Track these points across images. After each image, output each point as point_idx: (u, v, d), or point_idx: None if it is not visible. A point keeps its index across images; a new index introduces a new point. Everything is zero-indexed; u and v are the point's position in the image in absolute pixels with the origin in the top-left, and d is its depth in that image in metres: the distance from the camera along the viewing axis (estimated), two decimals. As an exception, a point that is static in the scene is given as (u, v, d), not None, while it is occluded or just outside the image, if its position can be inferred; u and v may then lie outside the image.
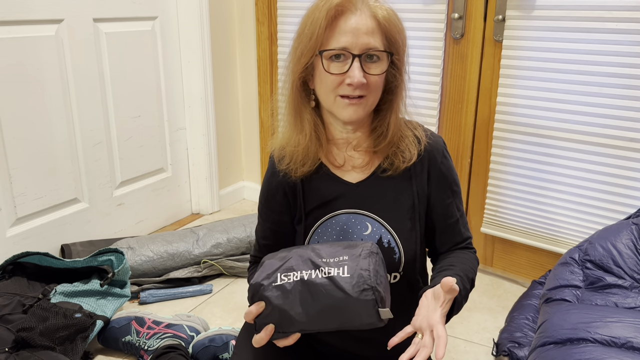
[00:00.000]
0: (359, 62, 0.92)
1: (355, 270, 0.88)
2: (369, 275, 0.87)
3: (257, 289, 0.91)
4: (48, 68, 1.85)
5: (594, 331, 1.22)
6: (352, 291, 0.86)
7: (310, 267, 0.90)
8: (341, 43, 0.92)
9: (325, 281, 0.88)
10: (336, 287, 0.87)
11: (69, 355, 1.43)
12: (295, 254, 0.94)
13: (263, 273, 0.92)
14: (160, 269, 1.92)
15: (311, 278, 0.88)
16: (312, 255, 0.92)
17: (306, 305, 0.88)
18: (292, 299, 0.89)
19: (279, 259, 0.94)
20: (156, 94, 2.26)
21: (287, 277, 0.90)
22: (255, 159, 2.66)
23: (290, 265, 0.92)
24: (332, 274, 0.88)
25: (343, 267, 0.88)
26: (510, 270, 2.00)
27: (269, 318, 0.90)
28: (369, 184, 1.04)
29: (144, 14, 2.15)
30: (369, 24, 0.93)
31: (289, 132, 1.04)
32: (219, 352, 1.48)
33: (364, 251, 0.91)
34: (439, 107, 1.98)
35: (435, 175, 1.05)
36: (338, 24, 0.92)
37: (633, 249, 1.45)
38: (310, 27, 0.94)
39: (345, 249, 0.92)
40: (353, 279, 0.87)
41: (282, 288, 0.89)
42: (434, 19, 1.89)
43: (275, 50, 2.38)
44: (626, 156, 1.66)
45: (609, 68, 1.61)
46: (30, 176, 1.86)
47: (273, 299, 0.89)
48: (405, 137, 1.03)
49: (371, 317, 0.87)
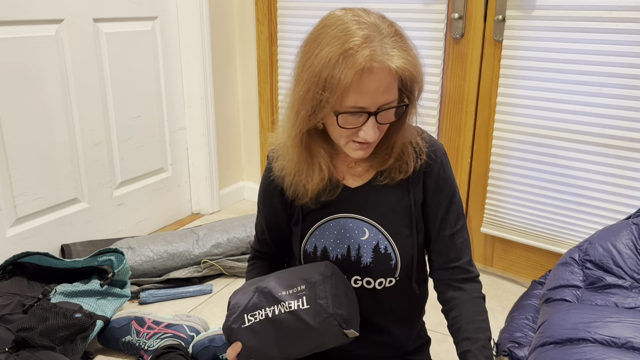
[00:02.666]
0: (375, 119, 0.89)
1: (313, 300, 0.91)
2: (327, 303, 0.90)
3: (229, 333, 0.98)
4: (48, 68, 1.85)
5: (594, 331, 1.22)
6: (314, 322, 0.90)
7: (272, 302, 0.94)
8: (360, 103, 0.87)
9: (288, 316, 0.92)
10: (299, 320, 0.91)
11: (69, 355, 1.43)
12: (256, 290, 0.98)
13: (232, 316, 0.98)
14: (160, 269, 1.92)
15: (275, 315, 0.93)
16: (272, 289, 0.96)
17: (277, 341, 0.93)
18: (262, 338, 0.94)
19: (244, 295, 0.99)
20: (156, 94, 2.26)
21: (254, 317, 0.95)
22: (255, 159, 2.66)
23: (254, 304, 0.96)
24: (293, 308, 0.92)
25: (302, 298, 0.92)
26: (510, 270, 2.00)
27: (247, 357, 0.96)
28: (367, 190, 1.04)
29: (144, 14, 2.15)
30: (387, 81, 0.86)
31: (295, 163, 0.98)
32: (219, 352, 1.48)
33: (319, 277, 0.94)
34: (439, 107, 1.98)
35: (430, 186, 1.03)
36: (361, 84, 0.85)
37: (633, 249, 1.45)
38: (327, 85, 0.84)
39: (302, 279, 0.95)
40: (312, 310, 0.91)
41: (251, 329, 0.95)
42: (434, 19, 1.89)
43: (275, 50, 2.38)
44: (626, 156, 1.66)
45: (609, 68, 1.61)
46: (30, 176, 1.86)
47: (246, 342, 0.95)
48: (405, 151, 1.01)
49: (338, 340, 0.92)
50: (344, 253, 1.03)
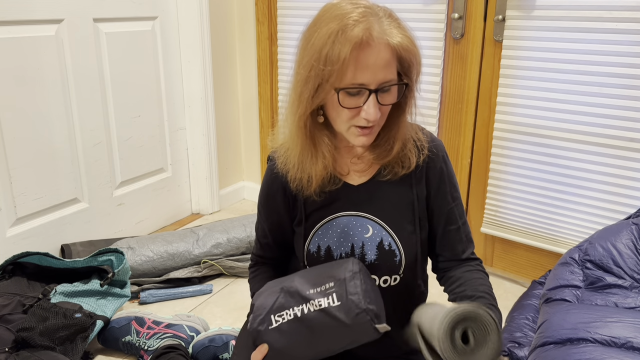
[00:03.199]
0: (375, 97, 0.90)
1: (344, 296, 0.89)
2: (359, 299, 0.88)
3: (257, 335, 0.94)
4: (48, 68, 1.85)
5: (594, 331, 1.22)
6: (347, 319, 0.87)
7: (300, 302, 0.91)
8: (359, 80, 0.88)
9: (319, 314, 0.89)
10: (330, 317, 0.88)
11: (69, 355, 1.43)
12: (282, 290, 0.95)
13: (257, 318, 0.95)
14: (160, 269, 1.92)
15: (304, 314, 0.90)
16: (298, 288, 0.93)
17: (307, 340, 0.90)
18: (291, 339, 0.91)
19: (268, 297, 0.96)
20: (156, 94, 2.26)
21: (282, 317, 0.92)
22: (255, 159, 2.66)
23: (281, 304, 0.93)
24: (323, 306, 0.89)
25: (332, 295, 0.89)
26: (510, 270, 2.00)
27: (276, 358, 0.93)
28: (370, 187, 1.04)
29: (144, 14, 2.15)
30: (386, 57, 0.88)
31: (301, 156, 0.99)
32: (219, 352, 1.48)
33: (347, 274, 0.91)
34: (439, 107, 1.98)
35: (434, 181, 1.04)
36: (359, 59, 0.87)
37: (633, 249, 1.45)
38: (329, 62, 0.87)
39: (329, 276, 0.93)
40: (344, 306, 0.88)
41: (279, 330, 0.92)
42: (434, 19, 1.89)
43: (275, 50, 2.38)
44: (626, 156, 1.66)
45: (609, 68, 1.61)
46: (30, 176, 1.86)
47: (274, 343, 0.92)
48: (407, 146, 1.02)
49: (370, 336, 0.89)
50: (347, 251, 1.04)
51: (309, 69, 0.90)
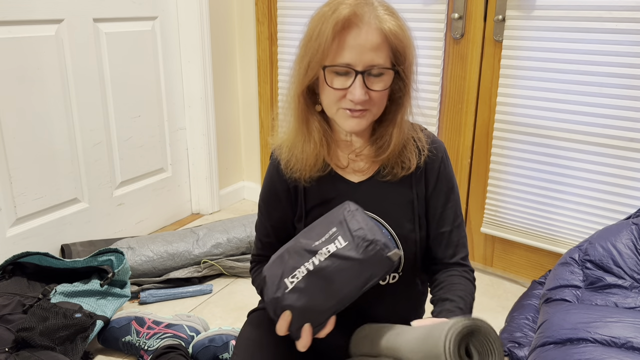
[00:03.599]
0: (362, 79, 0.91)
1: (349, 235, 0.89)
2: (364, 233, 0.88)
3: (276, 304, 0.94)
4: (48, 68, 1.85)
5: (594, 331, 1.22)
6: (358, 254, 0.88)
7: (308, 256, 0.91)
8: (345, 59, 0.91)
9: (331, 260, 0.89)
10: (342, 259, 0.88)
11: (69, 355, 1.43)
12: (288, 253, 0.95)
13: (272, 287, 0.94)
14: (160, 269, 1.92)
15: (316, 265, 0.90)
16: (303, 245, 0.93)
17: (326, 289, 0.90)
18: (311, 293, 0.90)
19: (277, 265, 0.95)
20: (156, 94, 2.26)
21: (295, 277, 0.91)
22: (255, 159, 2.66)
23: (291, 266, 0.93)
24: (332, 251, 0.89)
25: (337, 239, 0.90)
26: (510, 270, 2.00)
27: (300, 321, 0.92)
28: (370, 185, 1.04)
29: (144, 14, 2.15)
30: (375, 40, 0.90)
31: (294, 137, 1.03)
32: (219, 352, 1.48)
33: (346, 214, 0.92)
34: (439, 107, 1.98)
35: (431, 181, 1.05)
36: (344, 38, 0.90)
37: (633, 249, 1.45)
38: (316, 39, 0.92)
39: (329, 223, 0.93)
40: (352, 244, 0.88)
41: (296, 290, 0.91)
42: (434, 19, 1.89)
43: (275, 50, 2.38)
44: (626, 156, 1.66)
45: (609, 68, 1.61)
46: (30, 176, 1.86)
47: (295, 303, 0.91)
48: (407, 146, 1.02)
49: (385, 266, 0.89)
50: None
51: (302, 49, 0.95)
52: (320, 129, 1.01)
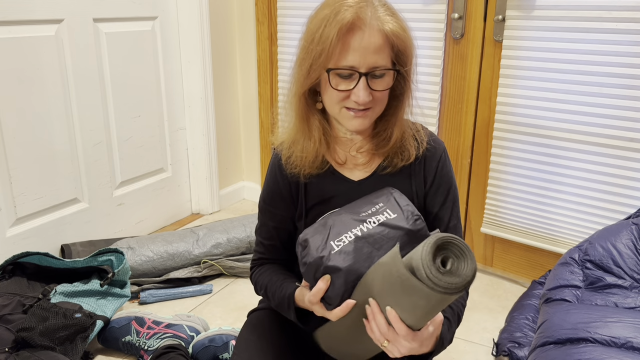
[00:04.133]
0: (366, 81, 0.92)
1: (398, 208, 0.93)
2: (413, 208, 0.93)
3: (319, 264, 0.90)
4: (48, 68, 1.85)
5: (594, 331, 1.22)
6: (409, 225, 0.90)
7: (357, 224, 0.92)
8: (349, 62, 0.91)
9: (380, 228, 0.91)
10: (392, 228, 0.90)
11: (69, 355, 1.43)
12: (333, 221, 0.94)
13: (315, 249, 0.91)
14: (160, 269, 1.92)
15: (364, 232, 0.91)
16: (351, 215, 0.94)
17: (372, 256, 0.89)
18: (358, 257, 0.89)
19: (320, 231, 0.94)
20: (156, 94, 2.26)
21: (342, 241, 0.91)
22: (255, 159, 2.66)
23: (337, 231, 0.92)
24: (382, 220, 0.91)
25: (385, 211, 0.93)
26: (510, 270, 2.00)
27: (343, 286, 0.89)
28: (370, 183, 1.05)
29: (144, 14, 2.15)
30: (377, 42, 0.91)
31: (295, 135, 1.04)
32: (219, 352, 1.48)
33: (393, 193, 0.96)
34: (439, 107, 1.98)
35: (429, 177, 1.05)
36: (348, 41, 0.91)
37: (633, 249, 1.45)
38: (319, 42, 0.92)
39: (373, 200, 0.96)
40: (403, 216, 0.92)
41: (343, 251, 0.89)
42: (434, 19, 1.89)
43: (275, 50, 2.38)
44: (626, 156, 1.66)
45: (609, 68, 1.61)
46: (30, 176, 1.86)
47: (341, 264, 0.88)
48: (406, 138, 1.04)
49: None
50: None
51: (304, 51, 0.95)
52: (321, 127, 1.02)
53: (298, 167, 1.04)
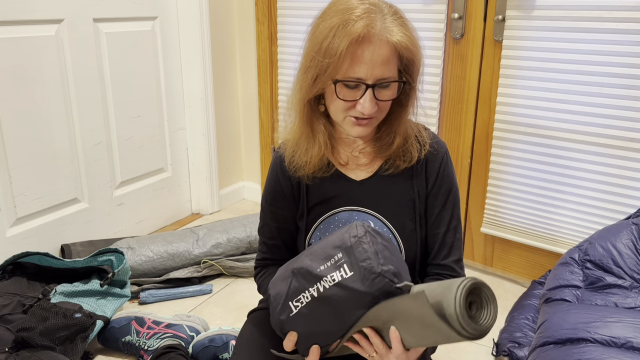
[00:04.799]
0: (372, 92, 0.92)
1: (355, 265, 0.84)
2: (370, 264, 0.83)
3: (280, 326, 0.94)
4: (48, 68, 1.85)
5: (594, 331, 1.22)
6: (364, 287, 0.83)
7: (313, 281, 0.88)
8: (357, 74, 0.90)
9: (335, 289, 0.86)
10: (347, 289, 0.85)
11: (69, 355, 1.43)
12: (293, 274, 0.92)
13: (276, 308, 0.94)
14: (160, 269, 1.92)
15: (320, 292, 0.87)
16: (309, 267, 0.89)
17: (331, 316, 0.88)
18: (315, 319, 0.89)
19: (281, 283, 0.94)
20: (156, 94, 2.26)
21: (299, 302, 0.90)
22: (255, 159, 2.66)
23: (295, 288, 0.91)
24: (337, 280, 0.85)
25: (342, 267, 0.85)
26: (510, 270, 2.00)
27: (306, 343, 0.92)
28: (372, 183, 1.05)
29: (144, 14, 2.15)
30: (385, 53, 0.90)
31: (298, 138, 1.03)
32: (219, 352, 1.48)
33: (352, 241, 0.86)
34: (439, 107, 1.98)
35: (431, 179, 1.05)
36: (356, 53, 0.89)
37: (633, 249, 1.45)
38: (327, 54, 0.90)
39: (335, 247, 0.88)
40: (358, 275, 0.84)
41: (300, 315, 0.90)
42: (434, 19, 1.89)
43: (275, 50, 2.38)
44: (626, 156, 1.66)
45: (609, 68, 1.61)
46: (30, 176, 1.86)
47: (300, 329, 0.91)
48: (409, 140, 1.03)
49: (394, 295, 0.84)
50: None
51: (310, 59, 0.93)
52: (325, 131, 1.02)
53: (301, 170, 1.04)
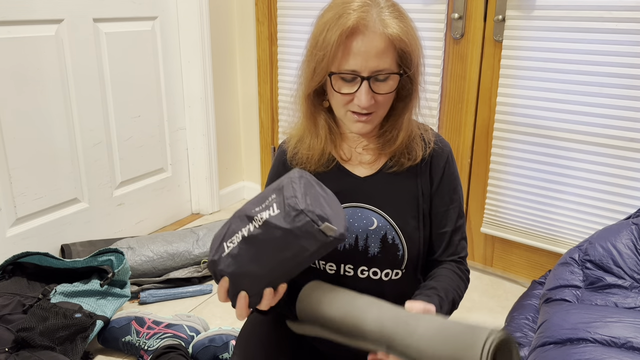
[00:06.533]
0: (368, 85, 0.92)
1: (282, 203, 0.84)
2: (296, 202, 0.83)
3: (212, 268, 0.92)
4: (48, 68, 1.85)
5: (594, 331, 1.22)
6: (286, 223, 0.83)
7: (246, 222, 0.88)
8: (351, 66, 0.91)
9: (262, 228, 0.85)
10: (272, 227, 0.84)
11: (69, 355, 1.43)
12: (233, 217, 0.92)
13: (212, 249, 0.92)
14: (160, 269, 1.92)
15: (250, 232, 0.86)
16: (247, 210, 0.90)
17: (257, 259, 0.86)
18: (241, 261, 0.87)
19: (222, 227, 0.94)
20: (156, 94, 2.26)
21: (232, 243, 0.89)
22: (255, 159, 2.66)
23: (232, 230, 0.90)
24: (265, 218, 0.85)
25: (272, 206, 0.85)
26: (510, 270, 2.00)
27: (234, 288, 0.90)
28: (376, 180, 1.05)
29: (144, 14, 2.15)
30: (379, 46, 0.91)
31: (302, 133, 1.05)
32: (219, 352, 1.48)
33: (285, 181, 0.87)
34: (439, 107, 1.98)
35: (436, 178, 1.05)
36: (349, 45, 0.91)
37: (633, 249, 1.45)
38: (322, 46, 0.92)
39: (272, 190, 0.88)
40: (283, 212, 0.84)
41: (231, 255, 0.89)
42: (434, 19, 1.89)
43: (275, 50, 2.38)
44: (626, 156, 1.66)
45: (609, 68, 1.61)
46: (30, 176, 1.86)
47: (226, 269, 0.89)
48: (413, 138, 1.04)
49: (316, 239, 0.84)
50: (351, 243, 1.04)
51: (309, 53, 0.96)
52: (327, 125, 1.03)
53: (304, 164, 1.05)
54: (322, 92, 1.02)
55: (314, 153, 1.04)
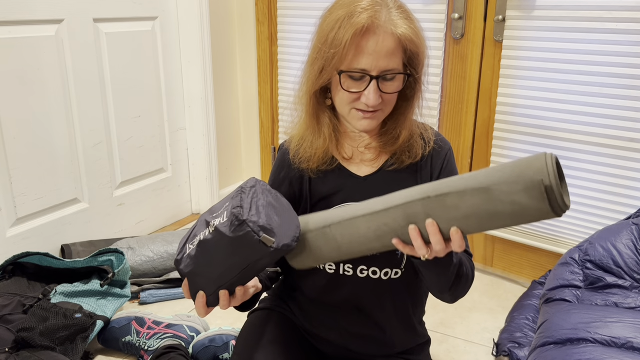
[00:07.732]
0: (376, 84, 0.93)
1: (229, 210, 0.87)
2: (240, 211, 0.85)
3: (176, 266, 0.95)
4: (48, 68, 1.85)
5: (594, 331, 1.22)
6: (230, 232, 0.86)
7: (204, 226, 0.92)
8: (361, 64, 0.92)
9: (213, 234, 0.89)
10: (219, 234, 0.87)
11: (69, 355, 1.43)
12: (200, 218, 0.96)
13: (178, 248, 0.96)
14: (160, 269, 1.92)
15: (205, 236, 0.90)
16: (207, 214, 0.93)
17: (207, 263, 0.90)
18: (196, 263, 0.91)
19: (190, 229, 0.97)
20: (156, 94, 2.26)
21: (192, 244, 0.93)
22: (255, 159, 2.66)
23: (194, 233, 0.94)
24: (215, 224, 0.89)
25: (224, 214, 0.89)
26: (510, 270, 2.00)
27: (192, 287, 0.94)
28: (376, 179, 1.05)
29: (144, 14, 2.15)
30: (390, 45, 0.92)
31: (304, 131, 1.06)
32: (219, 352, 1.48)
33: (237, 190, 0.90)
34: (439, 107, 1.98)
35: (436, 174, 1.06)
36: (361, 44, 0.91)
37: (633, 249, 1.45)
38: (332, 44, 0.92)
39: (230, 197, 0.92)
40: (228, 220, 0.87)
41: (189, 257, 0.92)
42: (434, 19, 1.89)
43: (275, 50, 2.38)
44: (626, 156, 1.66)
45: (609, 68, 1.62)
46: (30, 176, 1.86)
47: (183, 269, 0.93)
48: (414, 137, 1.05)
49: (257, 250, 0.86)
50: None
51: (316, 51, 0.96)
52: (330, 124, 1.04)
53: (306, 163, 1.05)
54: (325, 90, 1.02)
55: (317, 151, 1.04)
